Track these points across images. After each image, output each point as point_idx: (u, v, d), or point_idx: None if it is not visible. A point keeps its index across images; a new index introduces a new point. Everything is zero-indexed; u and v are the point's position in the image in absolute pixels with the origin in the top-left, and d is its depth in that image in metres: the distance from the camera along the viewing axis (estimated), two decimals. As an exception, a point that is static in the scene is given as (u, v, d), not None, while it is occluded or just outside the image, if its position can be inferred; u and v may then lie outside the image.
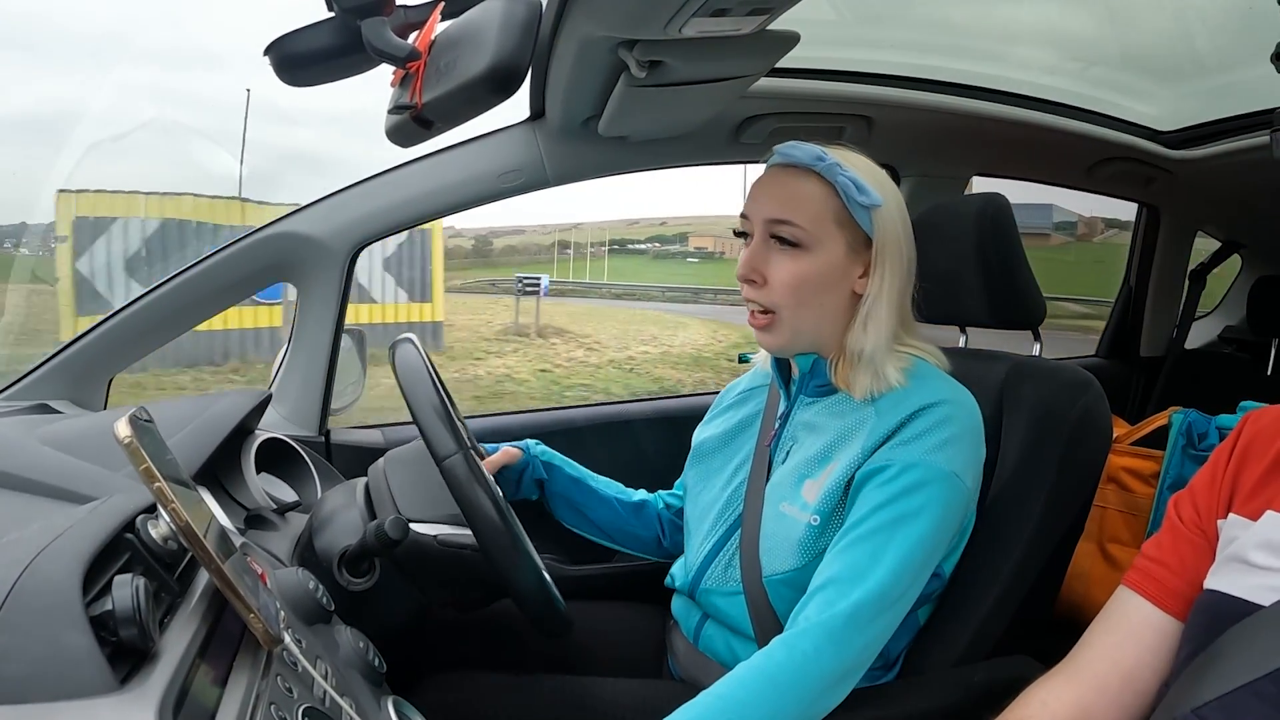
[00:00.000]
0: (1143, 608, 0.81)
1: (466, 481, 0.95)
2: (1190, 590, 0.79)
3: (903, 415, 0.98)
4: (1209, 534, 0.80)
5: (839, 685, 0.90)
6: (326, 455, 1.60)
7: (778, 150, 1.05)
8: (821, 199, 1.01)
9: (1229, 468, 0.81)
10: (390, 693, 0.87)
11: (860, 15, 1.58)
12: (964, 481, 0.97)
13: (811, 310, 1.03)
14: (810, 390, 1.09)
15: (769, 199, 1.03)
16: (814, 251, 1.01)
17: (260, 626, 0.69)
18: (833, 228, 1.01)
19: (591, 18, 1.05)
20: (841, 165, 1.01)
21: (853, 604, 0.90)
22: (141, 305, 1.49)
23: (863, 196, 1.00)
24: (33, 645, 0.58)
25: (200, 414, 1.13)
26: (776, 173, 1.05)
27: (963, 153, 1.93)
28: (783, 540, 1.02)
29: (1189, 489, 0.85)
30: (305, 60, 1.04)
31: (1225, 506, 0.80)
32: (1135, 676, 0.80)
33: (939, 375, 1.04)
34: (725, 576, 1.09)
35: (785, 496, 1.04)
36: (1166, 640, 0.79)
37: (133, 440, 0.64)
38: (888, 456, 0.97)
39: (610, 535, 1.33)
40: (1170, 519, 0.84)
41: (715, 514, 1.14)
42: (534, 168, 1.59)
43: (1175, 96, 2.00)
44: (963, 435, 0.98)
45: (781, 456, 1.09)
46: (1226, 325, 2.90)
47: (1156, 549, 0.84)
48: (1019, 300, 1.22)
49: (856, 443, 1.00)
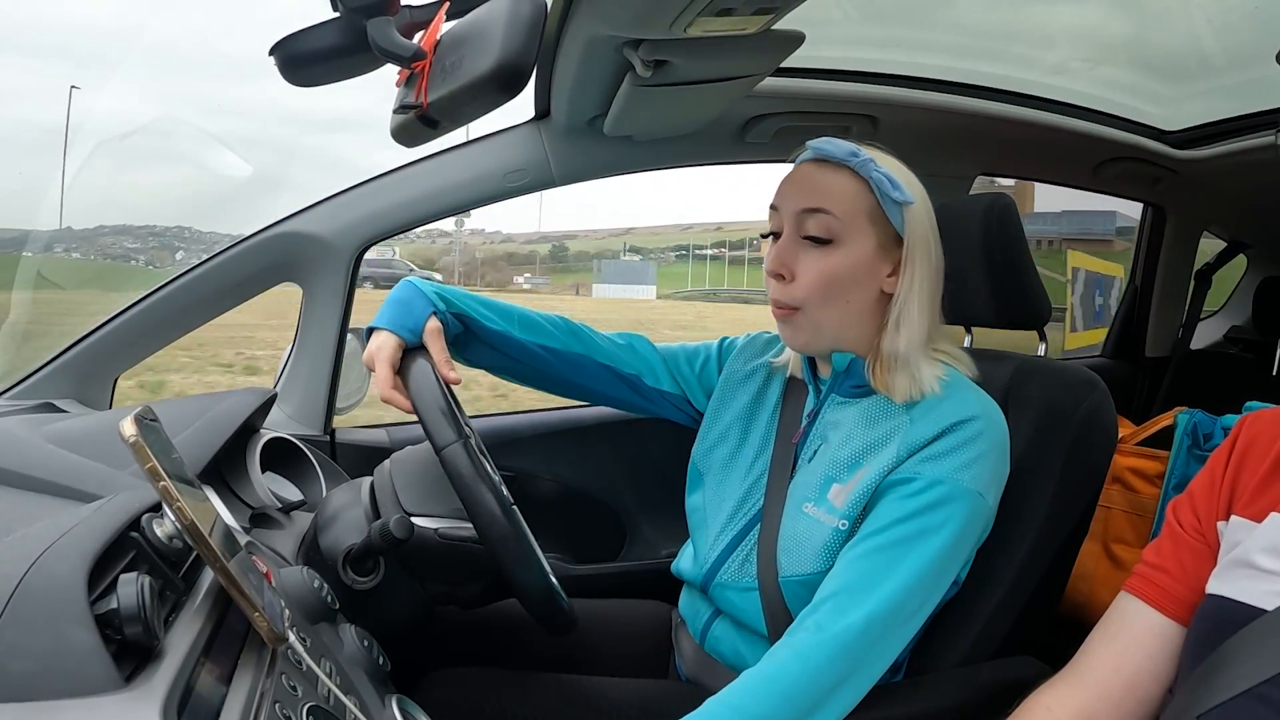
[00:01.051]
0: (1144, 613, 0.81)
1: (468, 474, 0.94)
2: (1192, 595, 0.79)
3: (937, 429, 0.97)
4: (1209, 538, 0.80)
5: (849, 697, 0.90)
6: (331, 454, 1.60)
7: (810, 145, 1.05)
8: (855, 194, 1.01)
9: (1228, 471, 0.81)
10: (394, 691, 0.88)
11: (866, 14, 1.57)
12: (986, 500, 0.97)
13: (837, 308, 1.02)
14: (844, 390, 1.08)
15: (801, 191, 1.03)
16: (844, 246, 1.00)
17: (265, 625, 0.69)
18: (865, 223, 1.01)
19: (597, 17, 1.05)
20: (875, 162, 1.01)
21: (866, 616, 0.90)
22: (147, 304, 1.49)
23: (897, 193, 1.00)
24: (38, 643, 0.58)
25: (205, 413, 1.14)
26: (809, 168, 1.04)
27: (968, 152, 1.92)
28: (805, 541, 1.01)
29: (1187, 493, 0.85)
30: (310, 60, 1.04)
31: (1225, 510, 0.79)
32: (1138, 683, 0.80)
33: (972, 388, 1.03)
34: (741, 572, 1.08)
35: (809, 498, 1.03)
36: (1169, 645, 0.79)
37: (138, 439, 0.64)
38: (916, 469, 0.97)
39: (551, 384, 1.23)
40: (1170, 524, 0.84)
41: (733, 506, 1.12)
42: (539, 167, 1.59)
43: (1181, 96, 1.99)
44: (990, 453, 0.97)
45: (808, 455, 1.08)
46: (1232, 325, 2.89)
47: (1157, 555, 0.83)
48: (1025, 300, 1.22)
49: (889, 450, 0.99)
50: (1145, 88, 1.96)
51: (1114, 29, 1.71)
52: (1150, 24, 1.69)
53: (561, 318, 1.21)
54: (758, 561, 1.06)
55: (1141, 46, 1.77)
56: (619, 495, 1.82)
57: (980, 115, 1.82)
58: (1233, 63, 1.76)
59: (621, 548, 1.81)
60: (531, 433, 1.79)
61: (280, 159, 32.83)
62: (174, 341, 1.54)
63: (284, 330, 1.60)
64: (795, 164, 1.07)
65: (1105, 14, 1.67)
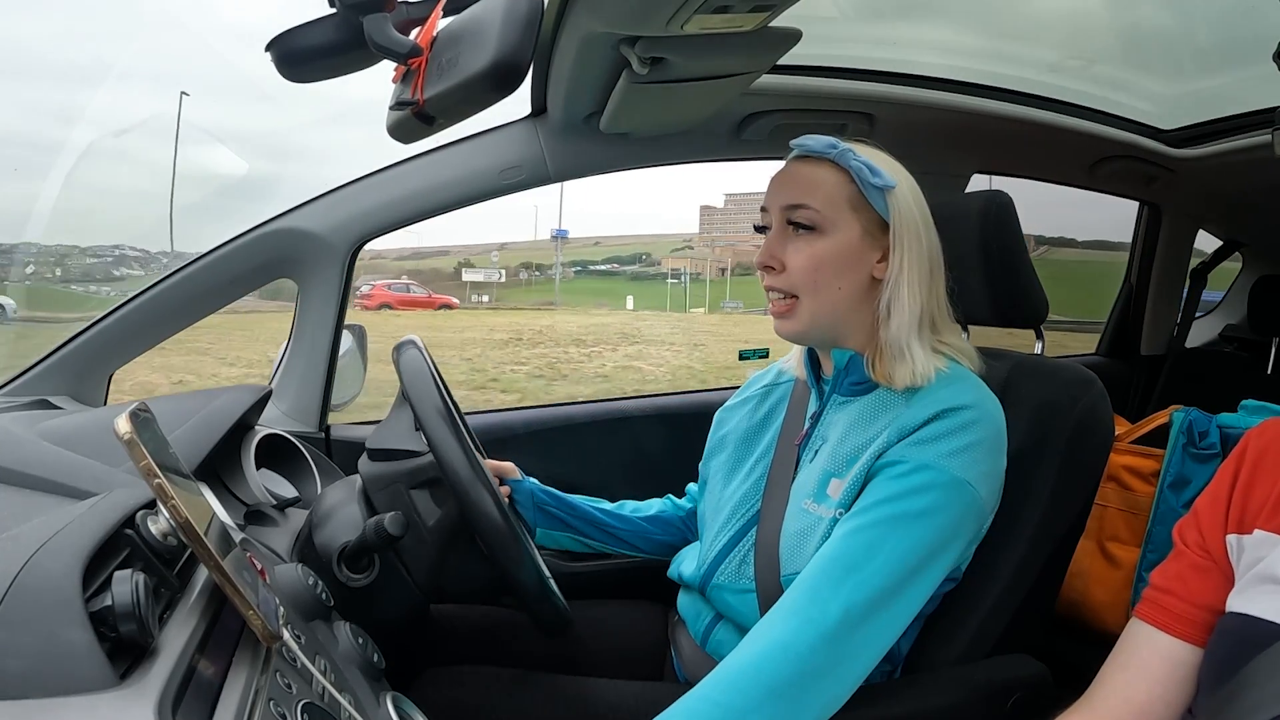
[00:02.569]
0: (1153, 637, 0.80)
1: (468, 478, 0.95)
2: (1200, 613, 0.78)
3: (928, 414, 0.98)
4: (1215, 553, 0.79)
5: (836, 689, 0.88)
6: (326, 451, 1.60)
7: (794, 143, 1.08)
8: (835, 184, 1.03)
9: (1237, 484, 0.79)
10: (389, 689, 0.87)
11: (862, 12, 1.57)
12: (977, 490, 0.96)
13: (829, 293, 1.03)
14: (845, 389, 1.09)
15: (785, 188, 1.05)
16: (829, 234, 1.02)
17: (259, 624, 0.69)
18: (847, 211, 1.03)
19: (594, 14, 1.05)
20: (854, 151, 1.04)
21: (845, 599, 0.89)
22: (141, 301, 1.49)
23: (876, 179, 1.02)
24: (32, 641, 0.58)
25: (200, 409, 1.13)
26: (793, 164, 1.07)
27: (964, 150, 1.92)
28: (805, 538, 1.01)
29: (1192, 513, 0.83)
30: (307, 56, 1.04)
31: (1236, 523, 0.78)
32: (1149, 712, 0.78)
33: (971, 379, 1.03)
34: (739, 573, 1.09)
35: (809, 494, 1.04)
36: (1180, 669, 0.78)
37: (133, 436, 0.64)
38: (903, 453, 0.97)
39: (635, 545, 1.36)
40: (1176, 546, 0.83)
41: (730, 509, 1.13)
42: (535, 164, 1.59)
43: (1177, 95, 2.00)
44: (982, 443, 0.97)
45: (810, 455, 1.09)
46: (1227, 324, 2.90)
47: (1163, 577, 0.82)
48: (1022, 298, 1.22)
49: (883, 436, 0.99)
50: (1141, 86, 1.96)
51: (1110, 27, 1.71)
52: (1147, 22, 1.70)
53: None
54: (756, 562, 1.06)
55: (1138, 45, 1.77)
56: (613, 491, 1.82)
57: (976, 113, 1.82)
58: (1229, 61, 1.76)
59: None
60: (525, 429, 1.79)
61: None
62: (168, 338, 1.54)
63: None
64: (784, 164, 1.09)
65: (1103, 12, 1.67)
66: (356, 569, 1.01)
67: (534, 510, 1.29)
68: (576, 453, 1.80)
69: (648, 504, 1.39)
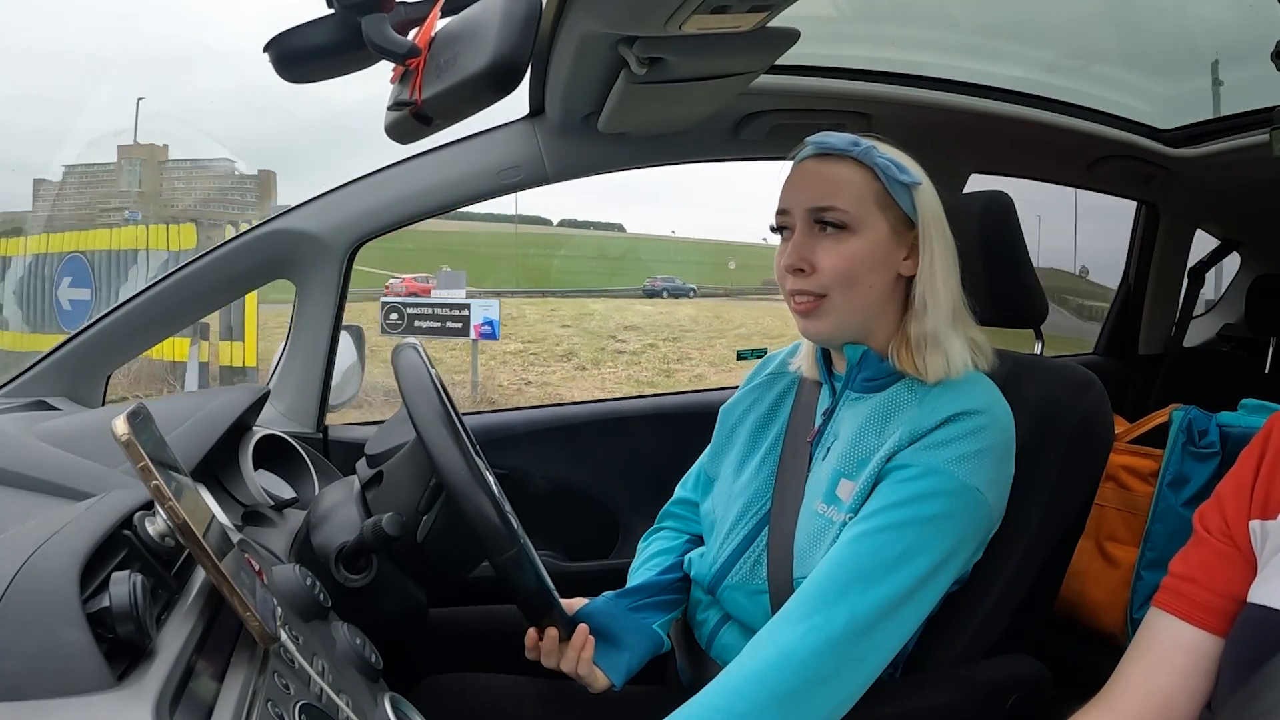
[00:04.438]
0: (1173, 627, 0.78)
1: (466, 482, 0.94)
2: (1223, 602, 0.76)
3: (940, 417, 0.97)
4: (1239, 540, 0.77)
5: (841, 695, 0.88)
6: (324, 452, 1.60)
7: (810, 141, 1.06)
8: (861, 182, 1.01)
9: (1261, 470, 0.78)
10: (387, 690, 0.87)
11: (860, 12, 1.58)
12: (984, 497, 0.96)
13: (861, 293, 1.02)
14: (858, 385, 1.07)
15: (808, 188, 1.03)
16: (860, 233, 1.01)
17: (256, 625, 0.69)
18: (875, 210, 1.01)
19: (591, 14, 1.05)
20: (878, 149, 1.02)
21: (850, 610, 0.89)
22: (139, 302, 1.49)
23: (904, 175, 1.01)
24: (30, 642, 0.57)
25: (198, 410, 1.13)
26: (812, 163, 1.05)
27: (962, 150, 1.92)
28: (818, 541, 1.00)
29: (1215, 498, 0.82)
30: (305, 56, 1.04)
31: (1259, 508, 0.77)
32: (1171, 704, 0.77)
33: (984, 382, 1.03)
34: (752, 574, 1.07)
35: (821, 495, 1.03)
36: (1201, 660, 0.76)
37: (130, 437, 0.64)
38: (913, 457, 0.96)
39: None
40: (1197, 532, 0.82)
41: (740, 508, 1.12)
42: (533, 164, 1.58)
43: (1175, 94, 2.00)
44: (992, 449, 0.97)
45: (822, 453, 1.07)
46: (1225, 323, 2.89)
47: (1183, 565, 0.81)
48: (1022, 298, 1.22)
49: (894, 438, 0.99)
50: (1139, 85, 1.96)
51: (1109, 27, 1.71)
52: (1145, 22, 1.70)
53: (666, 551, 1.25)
54: (769, 563, 1.05)
55: (1136, 44, 1.78)
56: (612, 492, 1.82)
57: (974, 113, 1.82)
58: (1227, 61, 1.77)
59: (614, 545, 1.82)
60: (525, 430, 1.79)
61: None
62: (166, 338, 1.54)
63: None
64: (796, 161, 1.07)
65: (1101, 12, 1.67)
66: (354, 570, 1.01)
67: (626, 615, 1.14)
68: (576, 453, 1.80)
69: (652, 557, 1.26)
